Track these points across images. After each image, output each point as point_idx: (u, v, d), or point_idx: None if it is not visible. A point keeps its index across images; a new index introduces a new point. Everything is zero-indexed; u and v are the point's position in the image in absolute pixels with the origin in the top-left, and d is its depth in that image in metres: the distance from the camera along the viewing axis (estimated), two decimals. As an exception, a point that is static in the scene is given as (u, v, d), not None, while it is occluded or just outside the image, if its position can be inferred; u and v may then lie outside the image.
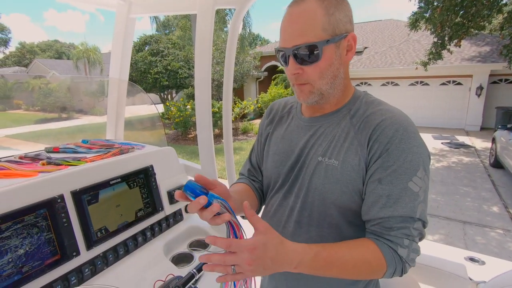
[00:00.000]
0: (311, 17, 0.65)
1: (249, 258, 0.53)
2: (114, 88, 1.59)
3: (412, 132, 0.65)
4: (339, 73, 0.71)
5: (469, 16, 6.41)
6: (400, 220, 0.63)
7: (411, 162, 0.63)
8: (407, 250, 0.63)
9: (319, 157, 0.73)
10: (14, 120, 16.09)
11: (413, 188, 0.63)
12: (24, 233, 0.85)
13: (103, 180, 1.09)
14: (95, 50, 23.09)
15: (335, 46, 0.67)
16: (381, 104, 0.73)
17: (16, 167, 1.02)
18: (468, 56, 10.67)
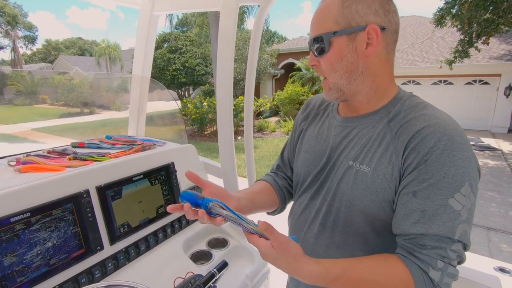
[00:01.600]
0: (326, 10, 0.66)
1: (264, 258, 0.60)
2: (136, 85, 1.61)
3: (459, 143, 0.57)
4: (357, 67, 0.66)
5: (499, 11, 6.07)
6: (436, 239, 0.57)
7: (454, 177, 0.56)
8: (440, 273, 0.57)
9: (350, 161, 0.70)
10: (40, 114, 16.81)
11: (454, 206, 0.56)
12: (52, 226, 0.87)
13: (126, 176, 1.11)
14: (116, 47, 23.73)
15: (347, 39, 0.64)
16: (427, 108, 0.65)
17: (44, 161, 1.05)
18: (496, 54, 10.14)
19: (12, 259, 0.78)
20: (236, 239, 1.42)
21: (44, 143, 10.41)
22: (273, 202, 0.93)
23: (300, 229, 0.81)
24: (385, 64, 0.68)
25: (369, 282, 0.59)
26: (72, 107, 16.91)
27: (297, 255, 0.60)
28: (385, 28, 0.64)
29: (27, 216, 0.82)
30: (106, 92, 18.11)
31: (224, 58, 1.25)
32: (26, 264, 0.81)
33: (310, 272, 0.59)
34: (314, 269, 0.59)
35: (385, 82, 0.70)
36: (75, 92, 16.23)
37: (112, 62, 23.45)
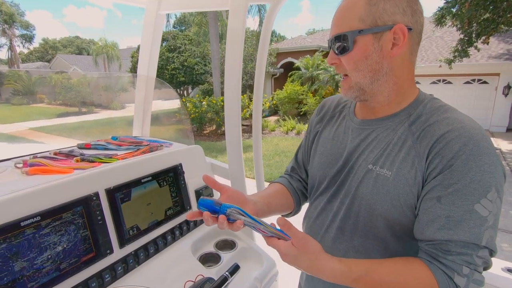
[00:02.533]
0: (351, 7, 0.64)
1: (284, 258, 0.60)
2: (142, 85, 1.59)
3: (485, 148, 0.56)
4: (381, 67, 0.64)
5: (499, 11, 6.09)
6: (462, 246, 0.56)
7: (480, 182, 0.55)
8: (466, 279, 0.55)
9: (369, 164, 0.68)
10: (37, 113, 16.73)
11: (481, 212, 0.55)
12: (62, 230, 0.86)
13: (135, 178, 1.09)
14: (114, 46, 23.61)
15: (373, 38, 0.63)
16: (450, 111, 0.63)
17: (52, 163, 1.03)
18: (495, 54, 10.18)
19: (22, 264, 0.77)
20: (244, 241, 1.40)
21: (42, 142, 10.34)
22: (288, 205, 0.92)
23: (317, 233, 0.80)
24: (408, 66, 0.67)
25: (392, 284, 0.59)
26: (70, 107, 16.81)
27: (316, 251, 0.60)
28: (411, 29, 0.63)
29: (37, 220, 0.80)
30: (104, 91, 18.05)
31: (232, 58, 1.23)
32: (37, 268, 0.79)
33: (333, 269, 0.59)
34: (337, 266, 0.60)
35: (406, 84, 0.68)
36: (73, 91, 16.13)
37: (110, 61, 23.33)
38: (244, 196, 0.75)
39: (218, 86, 12.10)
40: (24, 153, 1.18)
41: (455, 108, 0.65)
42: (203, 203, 0.65)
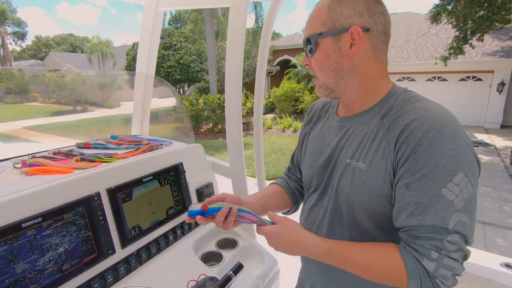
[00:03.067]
0: (316, 13, 0.70)
1: (270, 241, 0.69)
2: (141, 83, 1.58)
3: (448, 133, 0.57)
4: (342, 67, 0.68)
5: (494, 9, 6.12)
6: (430, 230, 0.57)
7: (445, 167, 0.56)
8: (435, 264, 0.56)
9: (347, 159, 0.71)
10: (31, 112, 16.49)
11: (448, 196, 0.55)
12: (64, 231, 0.84)
13: (136, 177, 1.08)
14: (108, 44, 23.34)
15: (332, 39, 0.67)
16: (419, 101, 0.65)
17: (51, 163, 1.01)
18: (490, 51, 10.27)
19: (24, 265, 0.75)
20: (245, 239, 1.40)
21: (37, 142, 10.22)
22: (284, 204, 0.96)
23: (310, 229, 0.83)
24: (374, 63, 0.69)
25: (361, 262, 0.63)
26: (64, 105, 16.61)
27: (297, 228, 0.70)
28: (369, 29, 0.66)
29: (39, 221, 0.79)
30: (99, 90, 17.86)
31: (233, 55, 1.22)
32: (39, 270, 0.78)
33: (311, 241, 0.67)
34: (313, 238, 0.68)
35: (376, 80, 0.70)
36: (67, 90, 15.94)
37: (104, 58, 23.08)
38: (240, 200, 0.81)
39: (214, 84, 12.04)
40: (20, 153, 1.16)
41: (427, 98, 0.67)
42: (192, 213, 0.75)
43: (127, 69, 15.98)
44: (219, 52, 12.89)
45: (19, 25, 28.58)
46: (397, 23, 16.64)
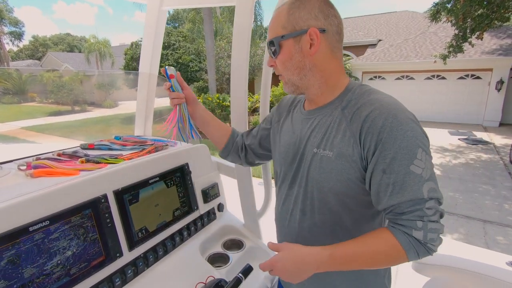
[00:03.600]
0: (276, 18, 0.77)
1: (277, 270, 0.72)
2: (144, 83, 1.56)
3: (402, 119, 0.66)
4: (304, 65, 0.76)
5: (493, 7, 6.13)
6: (411, 204, 0.65)
7: (408, 147, 0.64)
8: (422, 232, 0.64)
9: (314, 148, 0.78)
10: (28, 112, 16.40)
11: (416, 171, 0.64)
12: (71, 234, 0.83)
13: (142, 179, 1.07)
14: (106, 43, 23.23)
15: (293, 41, 0.75)
16: (373, 93, 0.74)
17: (57, 165, 1.00)
18: (488, 49, 10.28)
19: (32, 270, 0.74)
20: (251, 240, 1.39)
21: (34, 142, 10.17)
22: (219, 142, 1.10)
23: (284, 217, 0.90)
24: (331, 60, 0.77)
25: (364, 254, 0.68)
26: (63, 105, 16.55)
27: (297, 246, 0.72)
28: (325, 30, 0.73)
29: (46, 225, 0.78)
30: (97, 89, 17.80)
31: (239, 55, 1.21)
32: (47, 274, 0.77)
33: (311, 252, 0.70)
34: (312, 250, 0.70)
35: (334, 75, 0.78)
36: (65, 90, 15.86)
37: (102, 58, 22.96)
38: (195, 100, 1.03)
39: (213, 83, 12.01)
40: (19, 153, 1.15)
41: (379, 90, 0.75)
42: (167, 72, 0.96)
43: (125, 69, 15.90)
44: (218, 51, 12.84)
45: (16, 25, 28.39)
46: (396, 21, 16.65)
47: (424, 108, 11.60)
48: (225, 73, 12.83)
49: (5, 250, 0.70)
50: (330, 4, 0.76)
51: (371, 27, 16.61)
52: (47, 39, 43.66)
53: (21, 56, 38.97)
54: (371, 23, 17.17)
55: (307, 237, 0.83)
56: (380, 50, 12.67)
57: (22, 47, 39.03)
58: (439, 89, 11.34)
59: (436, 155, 7.35)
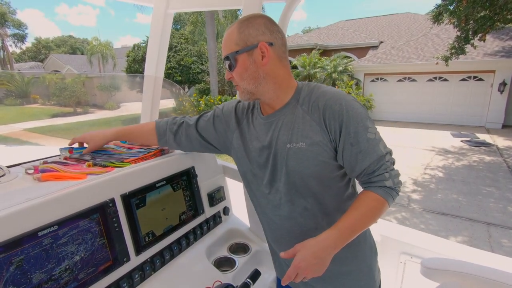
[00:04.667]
0: (229, 36, 0.86)
1: (304, 270, 0.75)
2: (149, 86, 1.56)
3: (351, 100, 0.82)
4: (258, 74, 0.85)
5: (496, 9, 6.11)
6: (376, 163, 0.80)
7: (362, 121, 0.80)
8: (391, 180, 0.80)
9: (287, 144, 0.86)
10: (31, 114, 16.46)
11: (371, 137, 0.80)
12: (79, 238, 0.83)
13: (149, 183, 1.06)
14: (108, 45, 23.34)
15: (247, 55, 0.84)
16: (320, 87, 0.87)
17: (64, 169, 0.99)
18: (491, 51, 10.26)
19: (40, 275, 0.74)
20: (257, 244, 1.38)
21: (37, 144, 10.20)
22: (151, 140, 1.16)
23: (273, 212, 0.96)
24: (281, 68, 0.87)
25: (361, 217, 0.79)
26: (65, 107, 16.60)
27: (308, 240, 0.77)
28: (272, 43, 0.84)
29: (55, 229, 0.77)
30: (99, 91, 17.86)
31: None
32: (55, 280, 0.76)
33: (325, 237, 0.77)
34: (325, 234, 0.77)
35: (285, 80, 0.89)
36: (67, 92, 15.93)
37: (104, 60, 23.06)
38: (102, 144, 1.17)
39: (215, 85, 12.03)
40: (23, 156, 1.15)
41: (322, 84, 0.90)
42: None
43: (127, 71, 15.95)
44: (220, 53, 12.87)
45: (19, 27, 28.56)
46: (398, 23, 16.66)
47: (426, 109, 11.57)
48: (227, 75, 12.83)
49: (14, 255, 0.69)
50: (273, 22, 0.88)
51: (372, 29, 16.62)
52: (50, 41, 43.92)
53: (24, 58, 39.20)
54: (372, 25, 17.18)
55: (301, 222, 0.92)
56: (382, 52, 12.66)
57: (25, 49, 39.27)
58: (441, 91, 11.31)
59: (439, 157, 7.33)
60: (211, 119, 1.07)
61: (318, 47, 14.21)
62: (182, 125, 1.10)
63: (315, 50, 13.55)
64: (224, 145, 1.06)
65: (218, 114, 1.06)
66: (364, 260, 0.97)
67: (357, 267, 0.96)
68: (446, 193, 5.34)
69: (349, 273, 0.95)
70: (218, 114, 1.06)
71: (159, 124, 1.13)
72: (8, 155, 3.60)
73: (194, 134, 1.08)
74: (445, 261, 1.10)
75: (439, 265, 1.07)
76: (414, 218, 4.48)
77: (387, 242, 1.46)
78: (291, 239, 0.93)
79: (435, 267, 1.08)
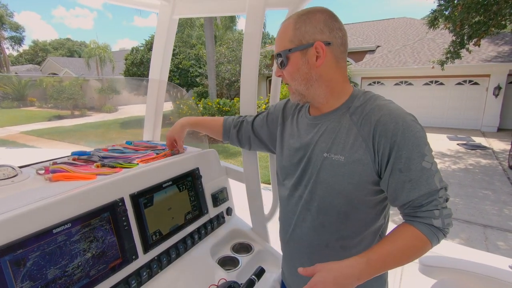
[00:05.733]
0: (283, 32, 0.81)
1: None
2: (153, 89, 1.59)
3: (410, 121, 0.73)
4: (311, 76, 0.80)
5: (490, 14, 6.24)
6: (427, 196, 0.71)
7: (419, 146, 0.71)
8: (440, 219, 0.71)
9: (324, 153, 0.81)
10: (28, 117, 16.37)
11: (427, 166, 0.71)
12: (91, 236, 0.85)
13: (156, 183, 1.09)
14: (106, 48, 23.34)
15: (300, 54, 0.79)
16: (378, 99, 0.80)
17: (74, 169, 1.02)
18: (486, 56, 10.43)
19: (55, 271, 0.76)
20: (259, 244, 1.41)
21: (34, 146, 10.16)
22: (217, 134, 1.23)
23: (290, 217, 0.93)
24: (336, 71, 0.81)
25: (395, 252, 0.71)
26: (62, 110, 16.55)
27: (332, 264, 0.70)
28: (330, 43, 0.77)
29: (68, 227, 0.80)
30: (97, 94, 17.82)
31: (249, 62, 1.25)
32: (68, 276, 0.79)
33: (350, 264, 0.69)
34: (350, 261, 0.70)
35: (339, 84, 0.83)
36: (65, 94, 15.89)
37: (102, 63, 23.05)
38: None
39: (213, 89, 12.07)
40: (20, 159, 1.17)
41: (381, 96, 0.81)
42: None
43: (125, 74, 15.95)
44: (218, 57, 12.93)
45: (17, 30, 28.49)
46: (394, 28, 16.85)
47: (422, 113, 11.69)
48: (225, 78, 12.90)
49: (31, 251, 0.72)
50: (335, 17, 0.80)
51: (369, 33, 16.79)
52: (47, 44, 43.84)
53: (20, 61, 39.06)
54: (369, 30, 17.36)
55: (313, 236, 0.87)
56: (379, 56, 12.80)
57: (22, 52, 39.14)
58: (438, 94, 11.46)
59: (436, 160, 7.40)
60: (265, 116, 1.10)
61: (316, 50, 14.28)
62: (243, 123, 1.15)
63: (312, 54, 13.61)
64: (275, 142, 1.06)
65: (271, 111, 1.09)
66: None
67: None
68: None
69: None
70: (271, 112, 1.09)
71: (226, 121, 1.19)
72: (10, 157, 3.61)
73: (250, 131, 1.13)
74: (442, 258, 1.14)
75: (437, 263, 1.11)
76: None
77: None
78: (299, 247, 0.92)
79: (433, 264, 1.12)
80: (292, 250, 0.96)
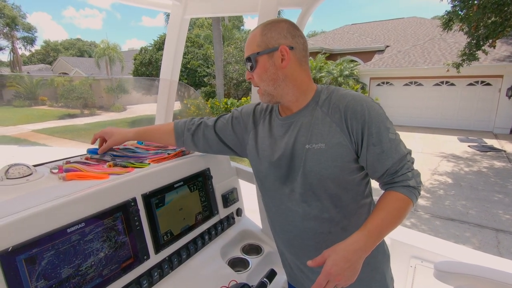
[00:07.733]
0: (252, 38, 0.89)
1: (336, 275, 0.71)
2: (164, 89, 1.59)
3: (371, 101, 0.84)
4: (278, 77, 0.87)
5: (506, 14, 6.08)
6: (399, 162, 0.82)
7: (383, 121, 0.82)
8: (414, 179, 0.82)
9: (306, 145, 0.87)
10: (40, 115, 16.69)
11: (392, 137, 0.82)
12: (104, 236, 0.85)
13: (168, 183, 1.09)
14: (116, 48, 23.65)
15: (267, 57, 0.86)
16: (340, 90, 0.89)
17: (86, 169, 1.03)
18: (499, 56, 10.19)
19: (69, 270, 0.76)
20: (269, 245, 1.40)
21: (45, 145, 10.35)
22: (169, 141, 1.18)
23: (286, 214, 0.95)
24: (300, 71, 0.89)
25: (387, 216, 0.79)
26: (72, 108, 16.84)
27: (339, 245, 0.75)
28: (293, 48, 0.86)
29: (82, 226, 0.80)
30: (106, 94, 18.08)
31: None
32: (82, 275, 0.79)
33: (354, 239, 0.75)
34: (354, 237, 0.75)
35: (305, 83, 0.90)
36: (75, 94, 16.15)
37: (112, 63, 23.35)
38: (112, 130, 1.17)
39: (221, 88, 12.11)
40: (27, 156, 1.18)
41: (340, 87, 0.92)
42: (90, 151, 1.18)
43: (134, 74, 16.13)
44: (226, 56, 12.97)
45: (29, 30, 29.07)
46: (404, 27, 16.63)
47: (432, 114, 11.51)
48: (233, 78, 12.93)
49: (46, 250, 0.72)
50: (296, 27, 0.90)
51: (378, 33, 16.61)
52: (58, 44, 44.67)
53: (33, 61, 39.89)
54: (378, 29, 17.17)
55: (315, 225, 0.91)
56: (388, 56, 12.64)
57: (34, 52, 39.93)
58: (448, 95, 11.25)
59: (446, 162, 7.26)
60: (230, 120, 1.09)
61: (323, 51, 14.24)
62: (200, 126, 1.12)
63: (320, 54, 13.57)
64: (241, 147, 1.08)
65: (237, 115, 1.08)
66: (376, 267, 0.95)
67: (368, 275, 0.93)
68: (454, 199, 5.30)
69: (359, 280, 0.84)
70: (236, 116, 1.08)
71: (177, 125, 1.15)
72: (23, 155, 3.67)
73: (212, 135, 1.10)
74: (459, 264, 1.10)
75: (454, 268, 1.08)
76: (423, 225, 4.45)
77: (397, 246, 1.47)
78: (304, 241, 0.94)
79: (450, 270, 1.09)
80: (298, 246, 0.96)
